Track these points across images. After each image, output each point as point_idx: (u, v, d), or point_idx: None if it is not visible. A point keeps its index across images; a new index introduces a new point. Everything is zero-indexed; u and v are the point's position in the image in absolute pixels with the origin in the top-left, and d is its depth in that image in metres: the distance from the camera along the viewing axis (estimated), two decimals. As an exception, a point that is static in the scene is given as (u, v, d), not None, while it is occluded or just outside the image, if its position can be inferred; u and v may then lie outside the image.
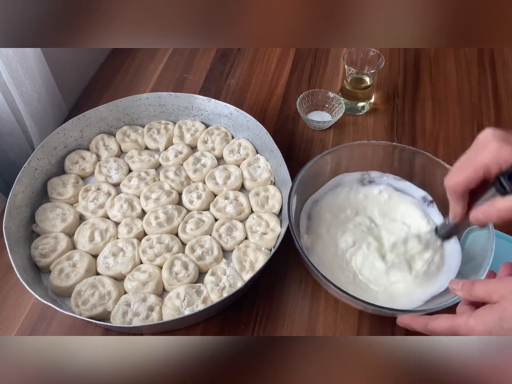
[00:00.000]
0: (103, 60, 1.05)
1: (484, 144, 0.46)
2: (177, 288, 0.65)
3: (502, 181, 0.44)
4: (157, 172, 0.81)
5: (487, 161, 0.45)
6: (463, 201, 0.50)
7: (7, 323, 0.66)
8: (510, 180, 0.43)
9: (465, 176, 0.47)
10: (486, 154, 0.45)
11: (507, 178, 0.43)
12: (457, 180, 0.48)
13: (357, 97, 0.90)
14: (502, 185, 0.44)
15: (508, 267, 0.52)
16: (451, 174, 0.49)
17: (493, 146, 0.44)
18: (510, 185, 0.43)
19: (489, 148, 0.45)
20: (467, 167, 0.47)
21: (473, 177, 0.46)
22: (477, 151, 0.46)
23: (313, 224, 0.69)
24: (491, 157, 0.44)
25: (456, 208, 0.51)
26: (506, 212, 0.44)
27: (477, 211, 0.48)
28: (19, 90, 0.75)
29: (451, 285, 0.52)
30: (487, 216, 0.47)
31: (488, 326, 0.45)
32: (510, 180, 0.43)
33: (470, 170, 0.46)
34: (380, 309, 0.56)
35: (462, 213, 0.51)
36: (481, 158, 0.45)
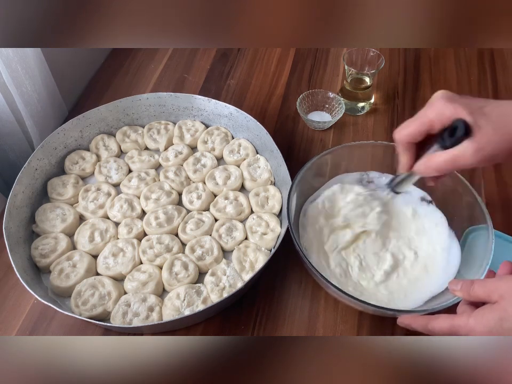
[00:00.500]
0: (103, 60, 1.05)
1: (432, 102, 0.50)
2: (177, 288, 0.65)
3: (443, 136, 0.48)
4: (157, 172, 0.81)
5: (432, 117, 0.50)
6: (408, 153, 0.54)
7: (7, 323, 0.66)
8: (451, 135, 0.47)
9: (411, 129, 0.52)
10: (432, 111, 0.50)
11: (448, 134, 0.48)
12: (403, 132, 0.53)
13: (357, 97, 0.90)
14: (443, 140, 0.48)
15: (507, 266, 0.52)
16: (400, 127, 0.53)
17: (438, 103, 0.49)
18: (449, 140, 0.47)
19: (435, 105, 0.50)
20: (414, 122, 0.52)
21: (418, 130, 0.51)
22: (425, 108, 0.51)
23: (312, 224, 0.69)
24: (435, 113, 0.49)
25: (403, 159, 0.55)
26: (444, 164, 0.49)
27: (418, 163, 0.53)
28: (19, 90, 0.75)
29: (450, 286, 0.52)
30: (427, 166, 0.51)
31: (488, 326, 0.45)
32: (450, 135, 0.47)
33: (415, 124, 0.51)
34: (380, 310, 0.56)
35: (408, 164, 0.55)
36: (427, 113, 0.50)
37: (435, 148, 0.51)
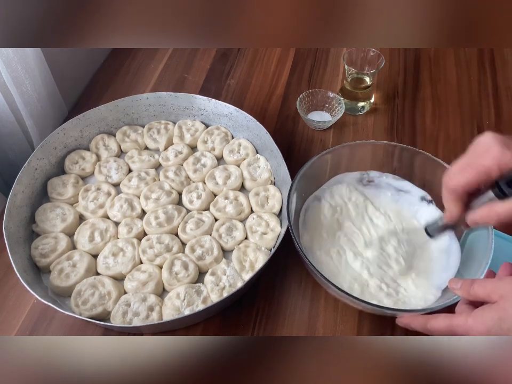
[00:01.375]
0: (103, 60, 1.05)
1: (485, 148, 0.46)
2: (177, 288, 0.65)
3: (501, 186, 0.45)
4: (157, 172, 0.81)
5: (489, 165, 0.45)
6: (461, 203, 0.50)
7: (7, 323, 0.66)
8: (509, 185, 0.45)
9: (466, 179, 0.47)
10: (488, 158, 0.45)
11: (505, 183, 0.45)
12: (458, 182, 0.48)
13: (357, 97, 0.90)
14: (500, 189, 0.45)
15: (507, 267, 0.52)
16: (452, 175, 0.49)
17: (495, 150, 0.45)
18: (509, 190, 0.45)
19: (491, 152, 0.45)
20: (469, 169, 0.47)
21: (475, 180, 0.47)
22: (478, 154, 0.47)
23: (312, 224, 0.69)
24: (493, 161, 0.45)
25: (453, 209, 0.52)
26: (505, 216, 0.46)
27: (475, 214, 0.49)
28: (19, 90, 0.75)
29: (450, 284, 0.53)
30: (486, 219, 0.48)
31: (487, 326, 0.45)
32: (508, 185, 0.45)
33: (472, 173, 0.47)
34: (379, 309, 0.56)
35: (458, 213, 0.51)
36: (483, 161, 0.46)
37: (489, 197, 0.48)
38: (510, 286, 0.46)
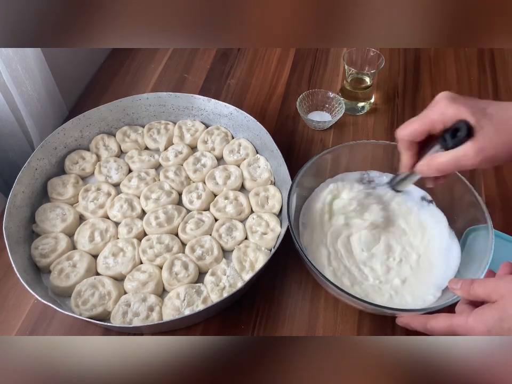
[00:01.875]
0: (103, 60, 1.05)
1: (435, 103, 0.51)
2: (177, 288, 0.65)
3: (445, 137, 0.48)
4: (157, 172, 0.81)
5: (434, 117, 0.50)
6: (410, 152, 0.54)
7: (7, 323, 0.66)
8: (453, 136, 0.47)
9: (412, 128, 0.52)
10: (434, 111, 0.50)
11: (450, 134, 0.48)
12: (405, 131, 0.53)
13: (357, 97, 0.90)
14: (445, 140, 0.48)
15: (507, 267, 0.52)
16: (402, 126, 0.53)
17: (441, 104, 0.49)
18: (451, 141, 0.48)
19: (437, 106, 0.50)
20: (416, 121, 0.52)
21: (420, 129, 0.51)
22: (428, 109, 0.51)
23: (312, 223, 0.69)
24: (437, 114, 0.50)
25: (404, 158, 0.55)
26: (446, 165, 0.49)
27: (420, 163, 0.53)
28: (19, 90, 0.75)
29: (450, 284, 0.53)
30: (429, 166, 0.51)
31: (488, 326, 0.45)
32: (452, 136, 0.47)
33: (417, 123, 0.52)
34: (379, 308, 0.56)
35: (410, 163, 0.55)
36: (429, 113, 0.51)
37: (436, 148, 0.51)
38: (510, 285, 0.46)
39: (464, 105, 0.48)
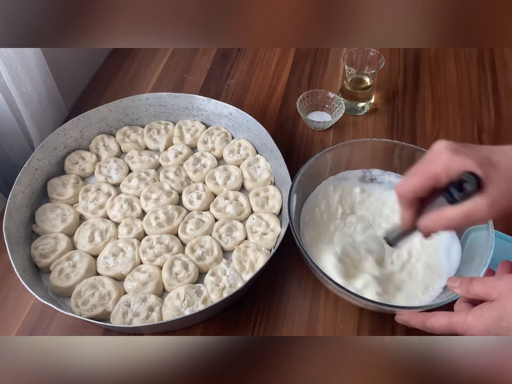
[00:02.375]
0: (103, 60, 1.05)
1: (436, 154, 0.46)
2: (177, 288, 0.65)
3: (451, 190, 0.45)
4: (157, 172, 0.81)
5: (438, 170, 0.46)
6: (412, 209, 0.50)
7: (7, 323, 0.66)
8: (459, 189, 0.44)
9: (415, 184, 0.48)
10: (437, 163, 0.46)
11: (456, 188, 0.45)
12: (407, 187, 0.49)
13: (357, 97, 0.90)
14: (451, 194, 0.45)
15: (506, 265, 0.52)
16: (402, 181, 0.49)
17: (444, 156, 0.45)
18: (458, 195, 0.44)
19: (440, 158, 0.46)
20: (418, 175, 0.48)
21: (423, 185, 0.47)
22: (429, 161, 0.47)
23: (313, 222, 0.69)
24: (441, 167, 0.45)
25: (405, 215, 0.51)
26: (455, 221, 0.45)
27: (425, 219, 0.48)
28: (19, 90, 0.75)
29: (449, 282, 0.53)
30: (436, 224, 0.47)
31: (486, 324, 0.45)
32: (458, 189, 0.44)
33: (420, 178, 0.47)
34: (379, 306, 0.56)
35: (411, 219, 0.51)
36: (432, 167, 0.46)
37: (441, 203, 0.48)
38: (509, 284, 0.46)
39: (469, 156, 0.45)
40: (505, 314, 0.44)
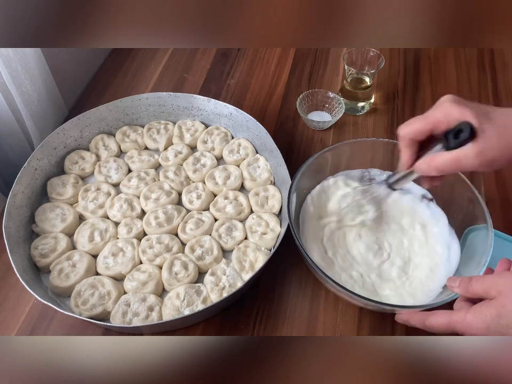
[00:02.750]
0: (103, 60, 1.05)
1: (439, 104, 0.51)
2: (177, 288, 0.65)
3: (448, 137, 0.49)
4: (156, 172, 0.81)
5: (438, 117, 0.50)
6: (410, 150, 0.54)
7: (7, 323, 0.66)
8: (455, 137, 0.48)
9: (415, 127, 0.52)
10: (439, 111, 0.50)
11: (453, 135, 0.48)
12: (408, 129, 0.53)
13: (357, 97, 0.90)
14: (447, 141, 0.49)
15: (505, 263, 0.52)
16: (404, 123, 0.53)
17: (446, 105, 0.50)
18: (453, 142, 0.48)
19: (442, 106, 0.50)
20: (419, 119, 0.52)
21: (423, 128, 0.52)
22: (432, 109, 0.52)
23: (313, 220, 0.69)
24: (442, 114, 0.50)
25: (404, 156, 0.55)
26: (445, 164, 0.49)
27: (420, 161, 0.53)
28: (19, 90, 0.75)
29: (449, 282, 0.53)
30: (429, 165, 0.51)
31: (486, 322, 0.45)
32: (455, 137, 0.48)
33: (421, 122, 0.52)
34: (378, 305, 0.56)
35: (409, 161, 0.55)
36: (433, 113, 0.51)
37: (437, 148, 0.51)
38: (508, 281, 0.46)
39: (468, 108, 0.48)
40: (504, 312, 0.44)
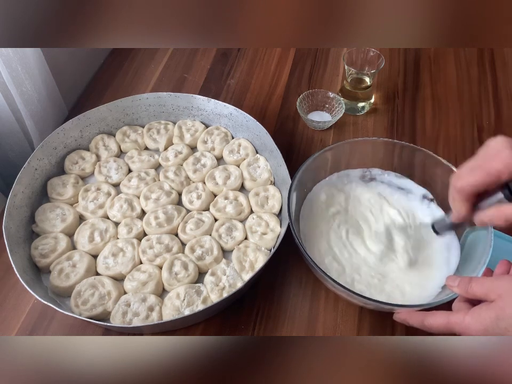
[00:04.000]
0: (103, 60, 1.05)
1: (496, 151, 0.46)
2: (177, 288, 0.65)
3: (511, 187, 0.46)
4: (156, 172, 0.81)
5: (500, 168, 0.46)
6: (469, 203, 0.50)
7: (7, 323, 0.66)
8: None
9: (475, 179, 0.47)
10: (499, 161, 0.46)
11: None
12: (467, 182, 0.48)
13: (357, 97, 0.90)
14: (510, 191, 0.46)
15: (505, 265, 0.52)
16: (461, 175, 0.49)
17: (506, 153, 0.45)
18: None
19: (501, 155, 0.46)
20: (478, 171, 0.47)
21: (484, 181, 0.47)
22: (488, 157, 0.47)
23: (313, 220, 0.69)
24: (503, 164, 0.45)
25: (461, 209, 0.51)
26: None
27: (483, 215, 0.49)
28: (19, 90, 0.75)
29: (448, 282, 0.53)
30: (494, 220, 0.48)
31: (484, 325, 0.45)
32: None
33: (481, 175, 0.47)
34: (378, 304, 0.56)
35: (466, 213, 0.51)
36: (493, 164, 0.46)
37: (498, 198, 0.48)
38: (508, 285, 0.46)
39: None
40: (503, 315, 0.44)
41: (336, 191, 0.72)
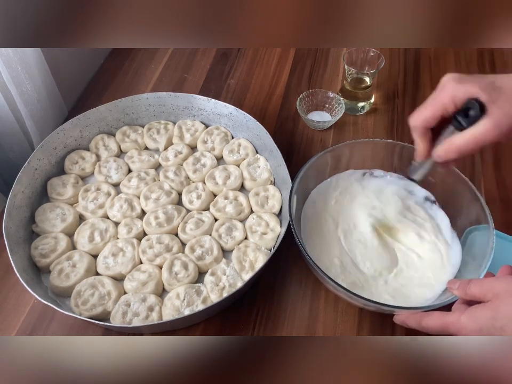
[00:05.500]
0: (103, 60, 1.05)
1: (442, 86, 0.50)
2: (177, 288, 0.65)
3: (458, 118, 0.48)
4: (156, 172, 0.81)
5: (445, 100, 0.49)
6: (424, 139, 0.54)
7: (7, 323, 0.66)
8: (466, 116, 0.47)
9: (425, 114, 0.51)
10: (443, 94, 0.50)
11: (463, 115, 0.48)
12: (418, 118, 0.52)
13: (357, 97, 0.90)
14: (459, 122, 0.48)
15: (507, 269, 0.52)
16: (413, 114, 0.53)
17: (449, 86, 0.49)
18: (465, 121, 0.48)
19: (446, 89, 0.50)
20: (428, 107, 0.51)
21: (433, 115, 0.51)
22: (436, 93, 0.51)
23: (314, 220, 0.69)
24: (448, 96, 0.49)
25: (419, 145, 0.55)
26: (465, 146, 0.48)
27: (438, 149, 0.52)
28: (19, 90, 0.75)
29: (449, 285, 0.53)
30: (448, 152, 0.51)
31: (479, 324, 0.45)
32: (465, 116, 0.47)
33: (429, 109, 0.51)
34: (378, 306, 0.56)
35: (425, 150, 0.54)
36: (439, 98, 0.50)
37: (450, 131, 0.50)
38: (504, 284, 0.46)
39: (472, 83, 0.48)
40: (499, 315, 0.44)
41: (337, 192, 0.72)
